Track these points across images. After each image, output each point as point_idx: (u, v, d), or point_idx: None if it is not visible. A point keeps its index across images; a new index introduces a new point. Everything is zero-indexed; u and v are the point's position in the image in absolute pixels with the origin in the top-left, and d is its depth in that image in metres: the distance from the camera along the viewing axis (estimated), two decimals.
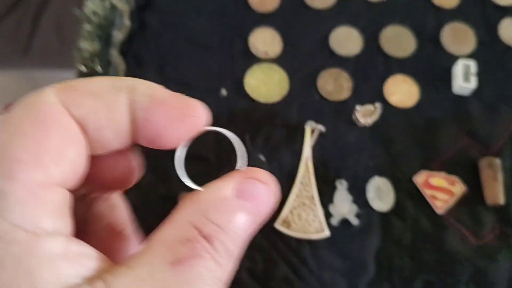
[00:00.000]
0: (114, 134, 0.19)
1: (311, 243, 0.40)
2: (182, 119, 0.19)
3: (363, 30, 0.46)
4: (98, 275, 0.16)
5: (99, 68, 0.44)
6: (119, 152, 0.20)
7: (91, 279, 0.16)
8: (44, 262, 0.15)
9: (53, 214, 0.16)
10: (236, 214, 0.18)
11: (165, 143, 0.20)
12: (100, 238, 0.21)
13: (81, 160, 0.18)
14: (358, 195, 0.41)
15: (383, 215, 0.41)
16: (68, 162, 0.17)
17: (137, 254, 0.17)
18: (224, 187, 0.18)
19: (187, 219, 0.18)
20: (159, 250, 0.17)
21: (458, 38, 0.46)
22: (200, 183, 0.19)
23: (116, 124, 0.19)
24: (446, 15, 0.47)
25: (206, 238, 0.17)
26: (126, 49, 0.45)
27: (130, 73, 0.44)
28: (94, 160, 0.20)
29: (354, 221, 0.40)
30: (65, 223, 0.17)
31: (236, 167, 0.19)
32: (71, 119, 0.18)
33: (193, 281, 0.17)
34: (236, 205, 0.18)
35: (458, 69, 0.43)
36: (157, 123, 0.19)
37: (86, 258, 0.17)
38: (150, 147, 0.20)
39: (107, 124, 0.18)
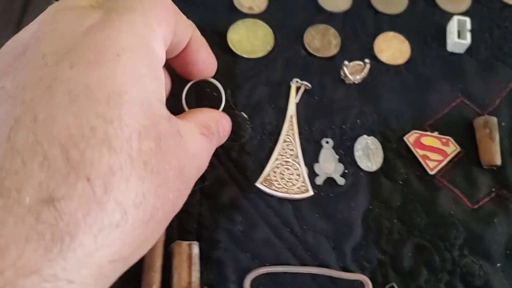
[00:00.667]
0: (176, 43, 0.29)
1: (293, 203, 0.37)
2: (212, 58, 0.34)
3: None
4: (175, 119, 0.25)
5: None
6: None
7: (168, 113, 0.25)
8: (160, 78, 0.25)
9: (165, 44, 0.26)
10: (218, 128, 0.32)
11: (195, 70, 0.33)
12: None
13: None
14: (345, 154, 0.39)
15: (371, 175, 0.38)
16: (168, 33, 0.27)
17: (183, 118, 0.28)
18: (214, 112, 0.33)
19: (205, 116, 0.31)
20: (194, 125, 0.28)
21: None
22: None
23: (181, 39, 0.29)
24: None
25: (214, 132, 0.30)
26: None
27: None
28: None
29: (340, 181, 0.38)
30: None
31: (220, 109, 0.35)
32: None
33: (210, 150, 0.30)
34: (218, 126, 0.32)
35: (453, 25, 0.41)
36: (199, 53, 0.32)
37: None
38: (181, 71, 0.33)
39: (178, 34, 0.28)
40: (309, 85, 0.40)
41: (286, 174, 0.37)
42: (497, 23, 0.43)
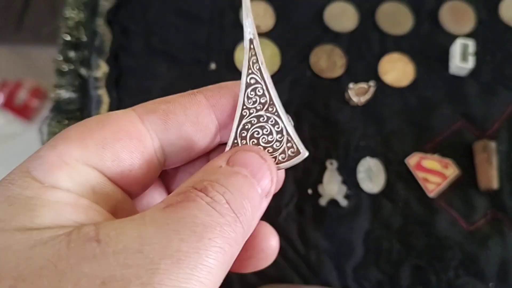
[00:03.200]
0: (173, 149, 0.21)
1: (299, 223, 0.38)
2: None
3: (359, 6, 0.44)
4: (94, 223, 0.17)
5: (84, 38, 0.42)
6: None
7: (85, 224, 0.17)
8: (47, 204, 0.17)
9: (75, 180, 0.18)
10: (231, 175, 0.18)
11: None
12: None
13: (134, 161, 0.20)
14: (348, 175, 0.40)
15: (373, 197, 0.39)
16: (111, 154, 0.19)
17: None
18: (217, 160, 0.20)
19: (183, 185, 0.18)
20: (155, 205, 0.17)
21: (457, 16, 0.44)
22: None
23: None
24: None
25: (201, 189, 0.17)
26: (112, 19, 0.43)
27: (116, 43, 0.42)
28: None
29: (343, 202, 0.39)
30: (87, 192, 0.18)
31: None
32: (143, 130, 0.20)
33: (185, 220, 0.16)
34: (230, 171, 0.19)
35: (456, 48, 0.42)
36: None
37: (94, 211, 0.18)
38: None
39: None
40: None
41: (261, 135, 0.22)
42: (500, 45, 0.44)
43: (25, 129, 1.23)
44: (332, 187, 0.39)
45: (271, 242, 0.23)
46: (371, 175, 0.40)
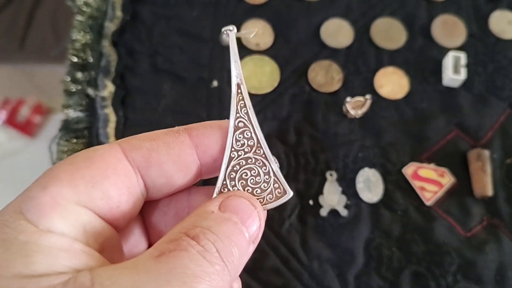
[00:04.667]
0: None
1: (301, 233, 0.40)
2: None
3: (354, 22, 0.46)
4: (89, 268, 0.18)
5: (90, 59, 0.44)
6: None
7: (81, 270, 0.18)
8: (42, 249, 0.18)
9: (68, 222, 0.19)
10: (222, 222, 0.20)
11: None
12: None
13: (121, 197, 0.21)
14: (348, 186, 0.41)
15: (372, 206, 0.41)
16: (100, 192, 0.20)
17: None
18: (209, 205, 0.21)
19: (175, 230, 0.19)
20: (147, 251, 0.19)
21: (449, 30, 0.46)
22: None
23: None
24: (437, 8, 0.47)
25: (193, 237, 0.19)
26: (118, 40, 0.45)
27: (121, 64, 0.44)
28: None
29: (343, 212, 0.40)
30: (80, 233, 0.19)
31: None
32: (128, 166, 0.21)
33: (176, 270, 0.17)
34: (221, 217, 0.20)
35: (448, 61, 0.43)
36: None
37: (87, 255, 0.19)
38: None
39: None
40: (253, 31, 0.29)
41: (249, 177, 0.24)
42: (491, 57, 0.45)
43: (27, 145, 1.24)
44: (332, 197, 0.41)
45: None
46: (370, 185, 0.41)
